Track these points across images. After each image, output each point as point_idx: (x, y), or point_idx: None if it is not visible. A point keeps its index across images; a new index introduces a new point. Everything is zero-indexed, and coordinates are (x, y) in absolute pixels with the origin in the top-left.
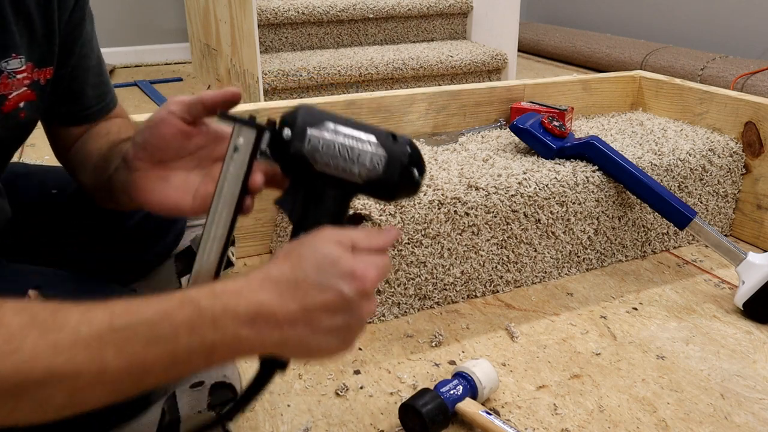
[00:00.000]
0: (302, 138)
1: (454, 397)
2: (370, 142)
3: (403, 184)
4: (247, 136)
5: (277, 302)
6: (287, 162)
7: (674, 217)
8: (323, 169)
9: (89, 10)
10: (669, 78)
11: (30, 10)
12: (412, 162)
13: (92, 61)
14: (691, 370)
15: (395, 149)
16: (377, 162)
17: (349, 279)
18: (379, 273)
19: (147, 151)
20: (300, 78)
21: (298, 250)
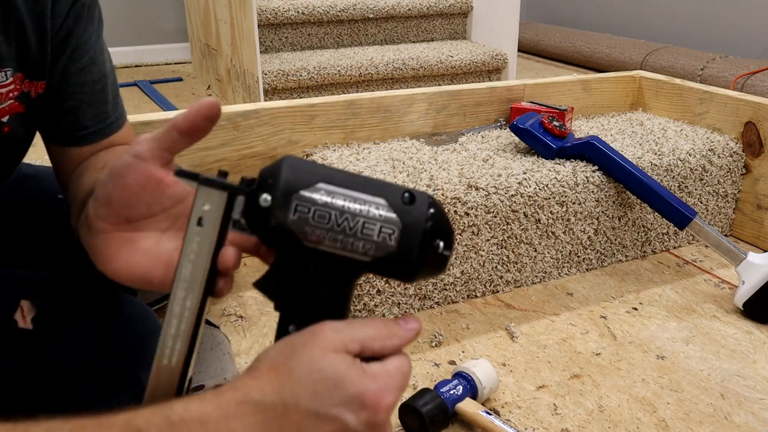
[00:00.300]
0: (286, 206)
1: (454, 397)
2: (379, 206)
3: (424, 261)
4: (214, 202)
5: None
6: (268, 236)
7: (674, 217)
8: (316, 245)
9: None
10: (669, 78)
11: (22, 18)
12: (435, 231)
13: (92, 76)
14: (691, 370)
15: (413, 215)
16: (388, 234)
17: (357, 407)
18: (397, 395)
19: (110, 208)
20: (300, 78)
21: (287, 362)
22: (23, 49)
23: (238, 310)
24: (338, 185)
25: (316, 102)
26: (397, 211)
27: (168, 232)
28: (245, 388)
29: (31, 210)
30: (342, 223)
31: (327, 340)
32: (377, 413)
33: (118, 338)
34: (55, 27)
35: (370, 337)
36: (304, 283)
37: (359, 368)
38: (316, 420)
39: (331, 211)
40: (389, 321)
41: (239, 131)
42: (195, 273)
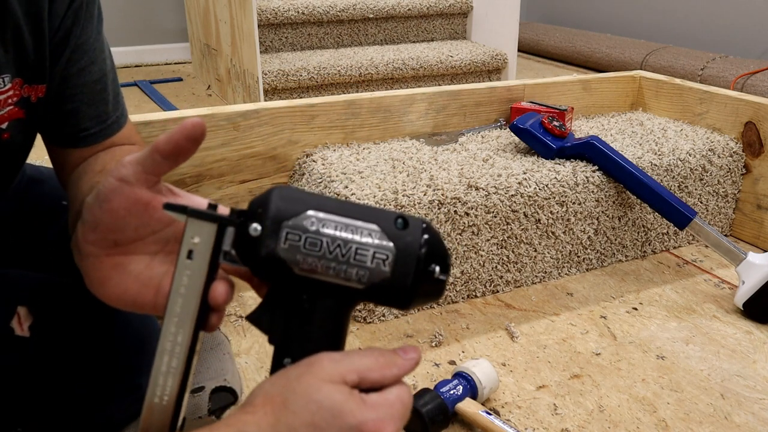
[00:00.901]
0: (276, 235)
1: (454, 397)
2: (371, 233)
3: (419, 287)
4: (205, 235)
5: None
6: (258, 267)
7: (674, 217)
8: (308, 274)
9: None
10: (669, 78)
11: (18, 22)
12: (430, 255)
13: (92, 76)
14: (691, 370)
15: (406, 239)
16: (382, 259)
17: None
18: (397, 425)
19: (98, 232)
20: (300, 78)
21: (282, 395)
22: (21, 54)
23: (238, 310)
24: (329, 212)
25: (316, 102)
26: (390, 237)
27: (158, 255)
28: (239, 423)
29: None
30: (334, 250)
31: (324, 370)
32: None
33: (117, 342)
34: (52, 28)
35: (368, 368)
36: (297, 313)
37: (358, 398)
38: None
39: (322, 238)
40: (387, 351)
41: (239, 131)
42: (186, 307)
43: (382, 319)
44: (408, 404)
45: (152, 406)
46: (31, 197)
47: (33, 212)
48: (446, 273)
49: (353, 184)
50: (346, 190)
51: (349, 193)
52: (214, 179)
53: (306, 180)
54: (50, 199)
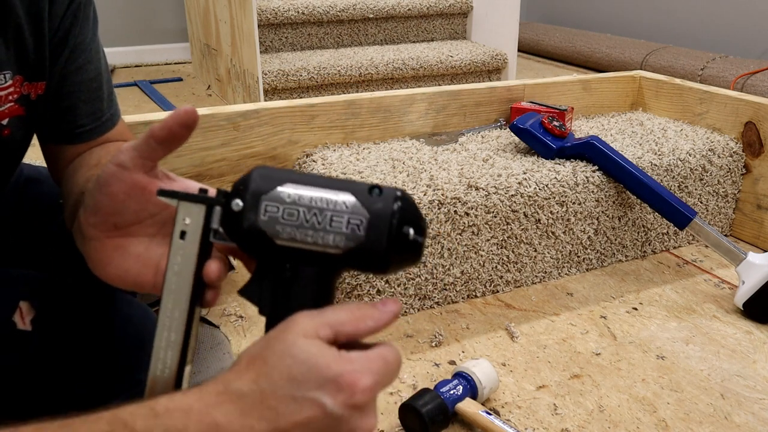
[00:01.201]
0: (256, 207)
1: (454, 397)
2: (346, 202)
3: (395, 249)
4: (195, 216)
5: (238, 424)
6: (242, 240)
7: (674, 217)
8: (289, 243)
9: (92, 16)
10: (669, 78)
11: (19, 21)
12: (403, 219)
13: (89, 74)
14: (691, 370)
15: (379, 206)
16: (356, 224)
17: (333, 389)
18: (375, 378)
19: (99, 215)
20: (300, 78)
21: (262, 353)
22: (22, 52)
23: (238, 310)
24: (305, 184)
25: (316, 102)
26: (363, 203)
27: (156, 237)
28: (225, 380)
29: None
30: (311, 218)
31: (298, 326)
32: (354, 395)
33: (118, 339)
34: (52, 28)
35: (341, 322)
36: (282, 283)
37: (333, 352)
38: (294, 404)
39: (299, 208)
40: (364, 305)
41: (239, 131)
42: (180, 284)
43: None
44: (392, 363)
45: (155, 378)
46: (30, 197)
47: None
48: (421, 235)
49: None
50: None
51: None
52: (214, 179)
53: None
54: (48, 198)
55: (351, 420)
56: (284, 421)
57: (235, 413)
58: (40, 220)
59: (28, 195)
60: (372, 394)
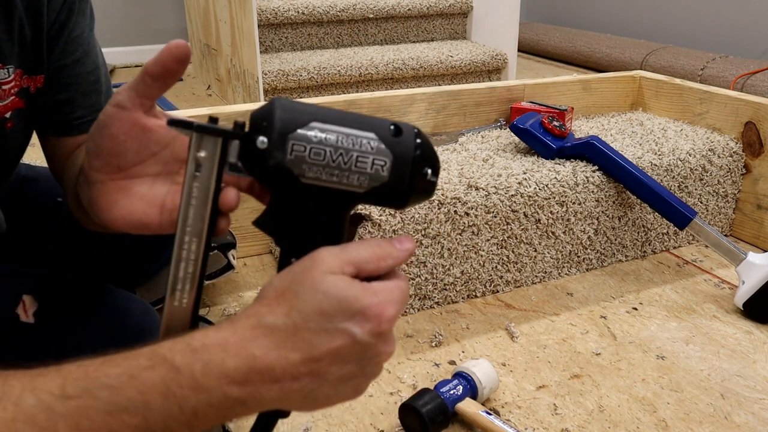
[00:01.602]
0: (283, 147)
1: (454, 397)
2: (370, 142)
3: (414, 188)
4: (209, 148)
5: (274, 355)
6: (266, 177)
7: (674, 217)
8: (314, 182)
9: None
10: (669, 78)
11: (20, 15)
12: (423, 159)
13: (86, 67)
14: (691, 370)
15: (402, 147)
16: (380, 166)
17: (361, 320)
18: (397, 308)
19: (102, 158)
20: (300, 78)
21: (292, 288)
22: (22, 46)
23: (238, 310)
24: (330, 122)
25: (316, 102)
26: (387, 144)
27: (160, 176)
28: (257, 314)
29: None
30: (337, 158)
31: (324, 263)
32: (381, 323)
33: (118, 333)
34: (49, 22)
35: (365, 259)
36: (302, 217)
37: (359, 285)
38: (326, 335)
39: (326, 148)
40: (383, 242)
41: None
42: (197, 217)
43: None
44: (406, 293)
45: (172, 308)
46: (29, 196)
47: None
48: (436, 175)
49: None
50: None
51: None
52: None
53: None
54: (47, 197)
55: (377, 346)
56: (317, 350)
57: (270, 346)
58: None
59: (26, 194)
60: (395, 322)
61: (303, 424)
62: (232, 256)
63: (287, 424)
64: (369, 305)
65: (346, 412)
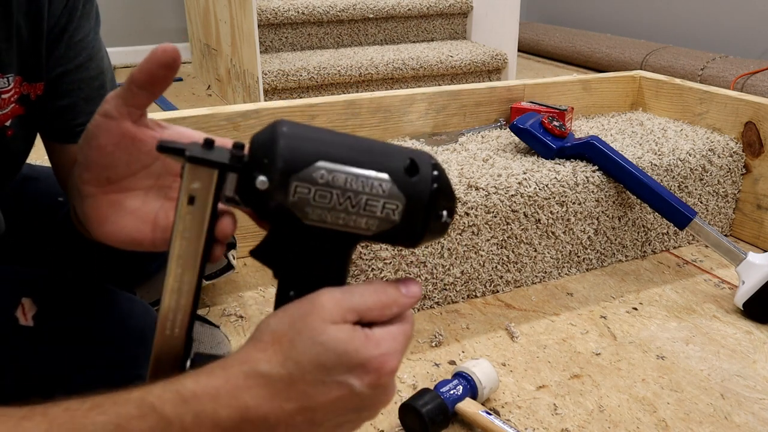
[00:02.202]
0: (285, 188)
1: (454, 397)
2: (382, 184)
3: (428, 230)
4: (203, 179)
5: (268, 406)
6: (265, 216)
7: (674, 217)
8: (318, 224)
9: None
10: (669, 78)
11: (19, 21)
12: (439, 201)
13: (90, 72)
14: (691, 370)
15: (416, 188)
16: (392, 209)
17: (361, 373)
18: (399, 357)
19: (91, 171)
20: (300, 78)
21: (290, 335)
22: (21, 53)
23: (238, 310)
24: (339, 161)
25: (316, 102)
26: (400, 185)
27: (152, 190)
28: (251, 361)
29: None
30: (344, 202)
31: (325, 311)
32: (381, 377)
33: (118, 335)
34: (49, 26)
35: (369, 308)
36: (303, 256)
37: (361, 336)
38: (323, 386)
39: (332, 190)
40: (389, 287)
41: (239, 131)
42: (189, 249)
43: None
44: (410, 337)
45: (164, 338)
46: (29, 196)
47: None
48: (452, 216)
49: None
50: None
51: None
52: None
53: None
54: (47, 196)
55: (375, 397)
56: (313, 401)
57: (264, 396)
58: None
59: (26, 194)
60: (395, 373)
61: None
62: (232, 257)
63: None
64: (370, 358)
65: None
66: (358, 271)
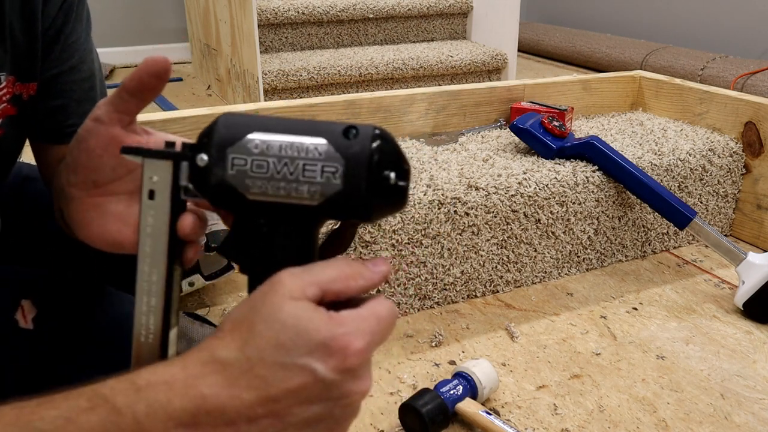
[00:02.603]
0: (223, 162)
1: (454, 397)
2: (318, 147)
3: (376, 194)
4: (161, 173)
5: (225, 394)
6: (212, 196)
7: (674, 217)
8: (261, 197)
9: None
10: (669, 78)
11: (12, 23)
12: (383, 162)
13: (82, 74)
14: (691, 370)
15: (354, 149)
16: (332, 172)
17: (324, 354)
18: (368, 339)
19: (79, 174)
20: (300, 78)
21: (249, 318)
22: (14, 53)
23: None
24: (273, 131)
25: (316, 102)
26: (338, 148)
27: (135, 194)
28: (209, 348)
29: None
30: (282, 169)
31: (284, 287)
32: (346, 359)
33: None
34: (44, 27)
35: (331, 279)
36: (259, 239)
37: (323, 314)
38: (284, 371)
39: (268, 158)
40: (355, 262)
41: None
42: (155, 246)
43: None
44: (386, 319)
45: (140, 345)
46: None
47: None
48: (404, 179)
49: None
50: None
51: None
52: None
53: None
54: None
55: (344, 384)
56: (274, 389)
57: (221, 384)
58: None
59: (27, 194)
60: (365, 356)
61: None
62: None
63: None
64: (332, 336)
65: None
66: None
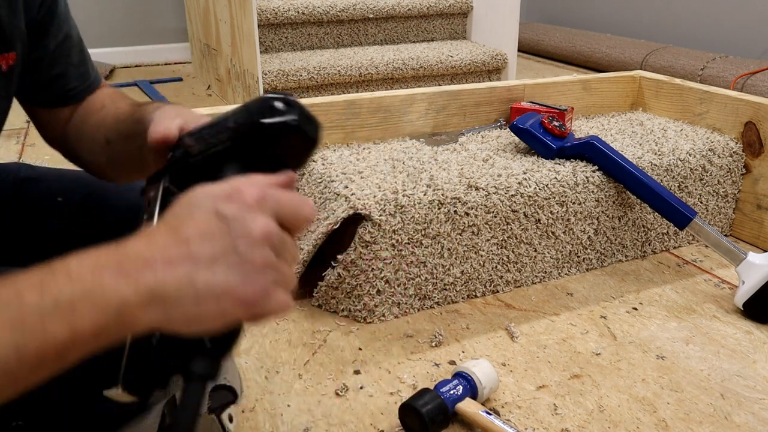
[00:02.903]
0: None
1: (454, 397)
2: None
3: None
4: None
5: (143, 242)
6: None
7: (674, 217)
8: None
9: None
10: (669, 78)
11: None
12: (270, 98)
13: (74, 40)
14: (691, 370)
15: (253, 102)
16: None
17: (225, 198)
18: (264, 190)
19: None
20: (300, 78)
21: (175, 216)
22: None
23: None
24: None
25: (316, 102)
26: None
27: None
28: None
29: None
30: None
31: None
32: (244, 197)
33: None
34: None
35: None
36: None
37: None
38: (192, 218)
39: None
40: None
41: None
42: None
43: (382, 319)
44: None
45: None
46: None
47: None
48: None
49: (353, 184)
50: (346, 190)
51: (349, 193)
52: None
53: (306, 180)
54: (47, 197)
55: (244, 222)
56: (184, 232)
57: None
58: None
59: (27, 194)
60: (261, 201)
61: (303, 423)
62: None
63: (287, 424)
64: (234, 186)
65: (346, 412)
66: (358, 271)
